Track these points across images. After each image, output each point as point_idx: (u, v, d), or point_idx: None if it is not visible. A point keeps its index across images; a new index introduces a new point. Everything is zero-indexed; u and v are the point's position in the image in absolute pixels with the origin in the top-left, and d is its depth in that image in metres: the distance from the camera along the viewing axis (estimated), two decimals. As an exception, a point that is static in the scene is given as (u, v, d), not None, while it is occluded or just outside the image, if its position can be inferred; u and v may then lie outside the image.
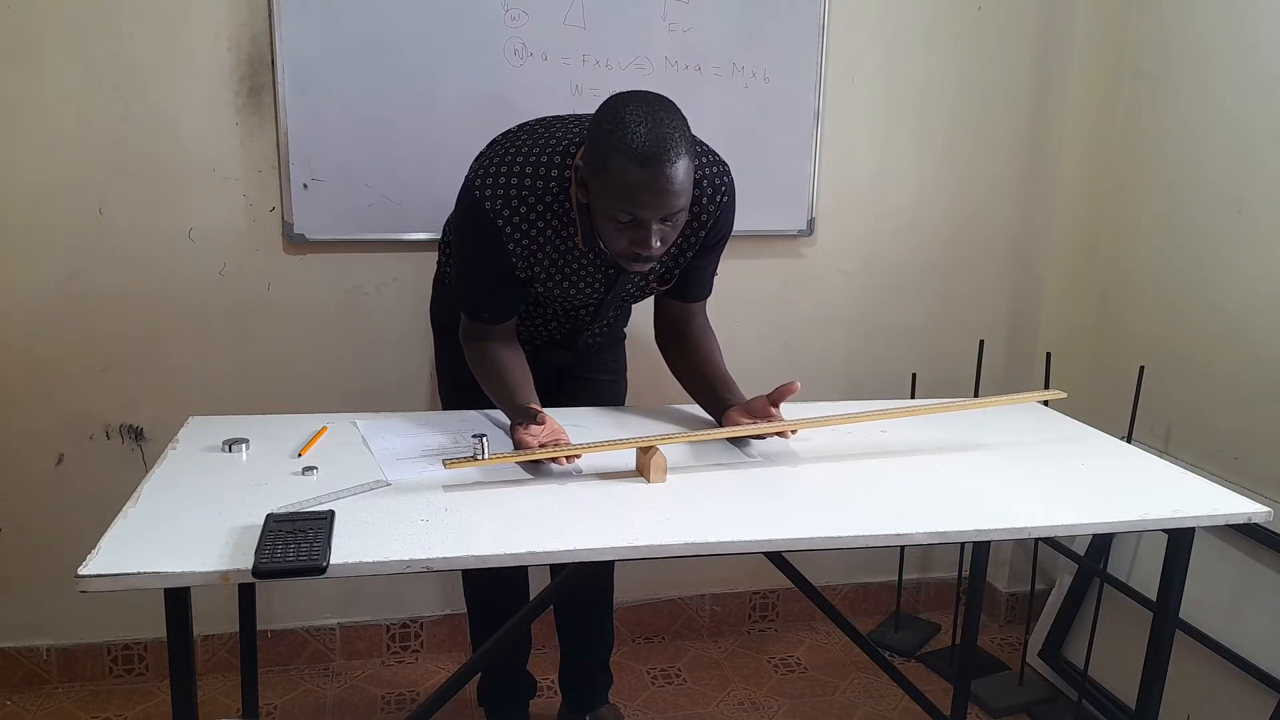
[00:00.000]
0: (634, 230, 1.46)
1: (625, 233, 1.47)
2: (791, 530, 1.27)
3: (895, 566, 2.67)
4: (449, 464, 1.35)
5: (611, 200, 1.44)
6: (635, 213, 1.43)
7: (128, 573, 1.08)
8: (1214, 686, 2.06)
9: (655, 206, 1.43)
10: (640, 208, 1.43)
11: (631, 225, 1.46)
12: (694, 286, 1.77)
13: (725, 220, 1.69)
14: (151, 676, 2.33)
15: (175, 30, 2.04)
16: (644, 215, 1.44)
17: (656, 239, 1.47)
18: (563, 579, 1.49)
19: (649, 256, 1.49)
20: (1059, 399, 1.75)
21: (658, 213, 1.44)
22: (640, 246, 1.47)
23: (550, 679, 2.28)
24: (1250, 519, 1.40)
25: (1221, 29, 2.17)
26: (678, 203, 1.44)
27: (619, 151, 1.39)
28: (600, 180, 1.44)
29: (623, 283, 1.69)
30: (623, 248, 1.49)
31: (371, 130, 2.12)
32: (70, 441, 2.18)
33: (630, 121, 1.40)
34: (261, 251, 2.18)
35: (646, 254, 1.48)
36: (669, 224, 1.48)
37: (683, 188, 1.43)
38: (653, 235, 1.46)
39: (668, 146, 1.39)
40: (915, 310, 2.60)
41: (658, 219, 1.45)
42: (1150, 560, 2.24)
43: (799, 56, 2.33)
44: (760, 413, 1.59)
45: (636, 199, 1.42)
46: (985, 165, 2.55)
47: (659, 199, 1.42)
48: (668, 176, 1.40)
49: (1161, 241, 2.35)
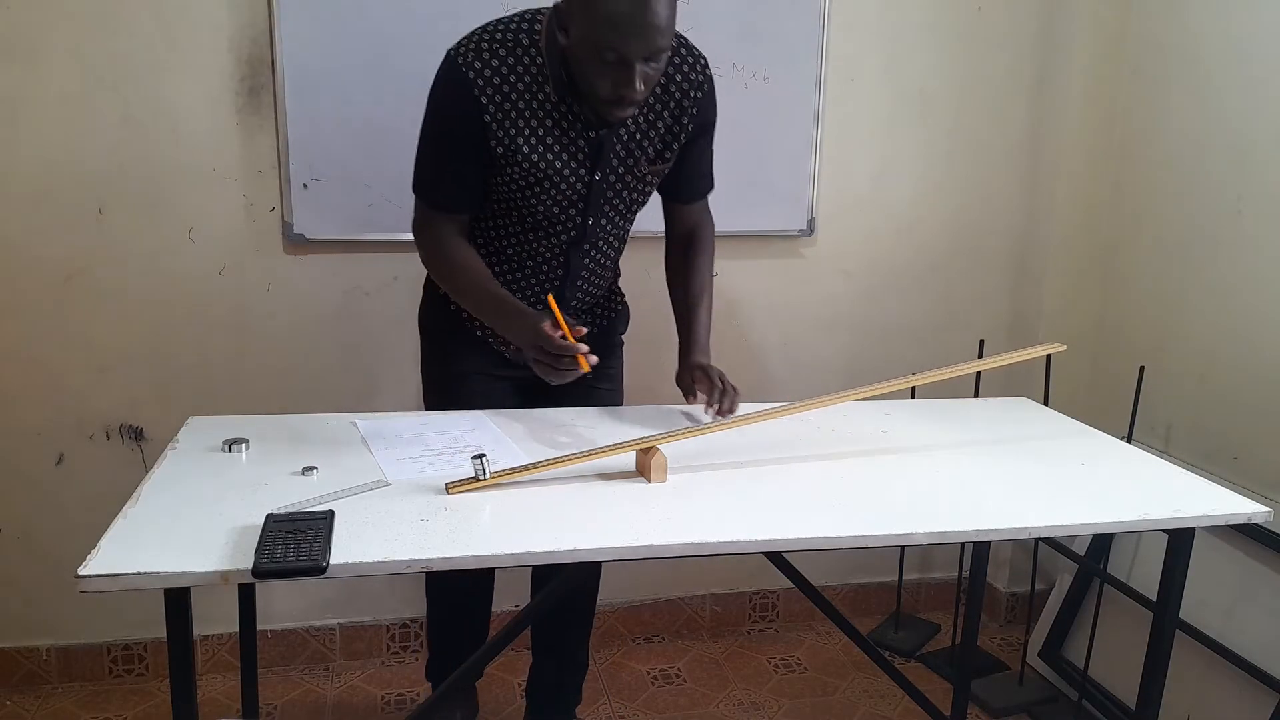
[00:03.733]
0: (617, 70, 1.45)
1: (608, 74, 1.46)
2: (791, 530, 1.27)
3: (895, 566, 2.67)
4: (451, 488, 1.34)
5: (596, 37, 1.44)
6: (619, 49, 1.43)
7: (128, 573, 1.08)
8: (1214, 686, 2.06)
9: (640, 41, 1.43)
10: (625, 44, 1.42)
11: (615, 64, 1.45)
12: (693, 181, 1.78)
13: (710, 99, 1.71)
14: (151, 676, 2.33)
15: (175, 30, 2.04)
16: (628, 51, 1.43)
17: (640, 80, 1.46)
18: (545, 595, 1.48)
19: (632, 100, 1.49)
20: (1059, 352, 1.78)
21: (642, 49, 1.44)
22: (624, 87, 1.47)
23: (518, 680, 2.22)
24: (1250, 519, 1.40)
25: (1221, 29, 2.17)
26: (661, 41, 1.45)
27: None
28: (584, 17, 1.44)
29: (608, 154, 1.65)
30: (606, 90, 1.48)
31: (371, 130, 2.12)
32: (70, 441, 2.18)
33: None
34: (261, 251, 2.18)
35: (630, 96, 1.48)
36: (651, 65, 1.47)
37: (666, 25, 1.44)
38: (636, 76, 1.45)
39: None
40: (915, 310, 2.60)
41: (641, 57, 1.45)
42: (1150, 560, 2.24)
43: (799, 56, 2.33)
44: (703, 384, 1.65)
45: (621, 34, 1.41)
46: (985, 165, 2.55)
47: (643, 33, 1.42)
48: (652, 10, 1.41)
49: (1161, 241, 2.35)
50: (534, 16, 1.59)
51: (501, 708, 2.23)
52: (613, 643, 2.57)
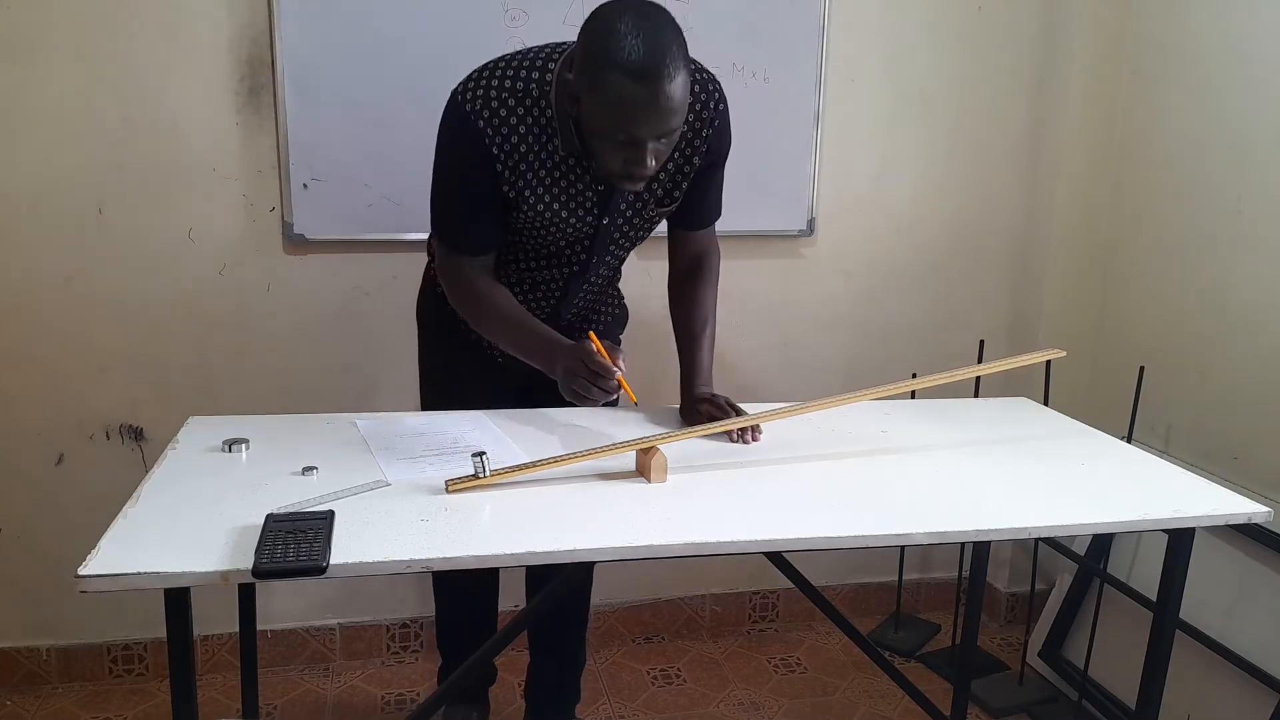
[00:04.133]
0: (629, 149, 1.41)
1: (620, 151, 1.42)
2: (791, 530, 1.27)
3: (895, 566, 2.67)
4: (451, 486, 1.34)
5: (606, 119, 1.39)
6: (631, 132, 1.38)
7: (128, 573, 1.08)
8: (1214, 686, 2.06)
9: (652, 125, 1.38)
10: (637, 127, 1.37)
11: (626, 144, 1.40)
12: (701, 211, 1.72)
13: (722, 134, 1.64)
14: (151, 676, 2.33)
15: (175, 30, 2.04)
16: (640, 134, 1.38)
17: (652, 158, 1.42)
18: (544, 595, 1.48)
19: (642, 176, 1.46)
20: (1059, 357, 1.76)
21: (655, 132, 1.39)
22: (635, 165, 1.43)
23: (518, 680, 2.23)
24: (1250, 519, 1.40)
25: (1221, 29, 2.17)
26: (675, 121, 1.40)
27: (614, 67, 1.33)
28: (594, 97, 1.38)
29: (616, 202, 1.62)
30: (617, 167, 1.44)
31: (371, 130, 2.12)
32: (70, 441, 2.18)
33: (624, 34, 1.33)
34: (261, 251, 2.18)
35: (641, 173, 1.44)
36: (664, 141, 1.43)
37: (680, 105, 1.38)
38: (648, 154, 1.41)
39: (665, 61, 1.33)
40: (915, 310, 2.60)
41: (654, 137, 1.40)
42: (1150, 560, 2.23)
43: (799, 56, 2.33)
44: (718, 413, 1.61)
45: (633, 118, 1.36)
46: (985, 165, 2.55)
47: (656, 118, 1.37)
48: (666, 94, 1.34)
49: (1161, 242, 2.35)
50: (544, 63, 1.52)
51: (501, 708, 2.23)
52: (613, 643, 2.57)
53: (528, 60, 1.53)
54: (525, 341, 1.59)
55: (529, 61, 1.53)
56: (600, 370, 1.45)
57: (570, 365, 1.48)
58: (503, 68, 1.53)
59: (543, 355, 1.56)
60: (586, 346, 1.47)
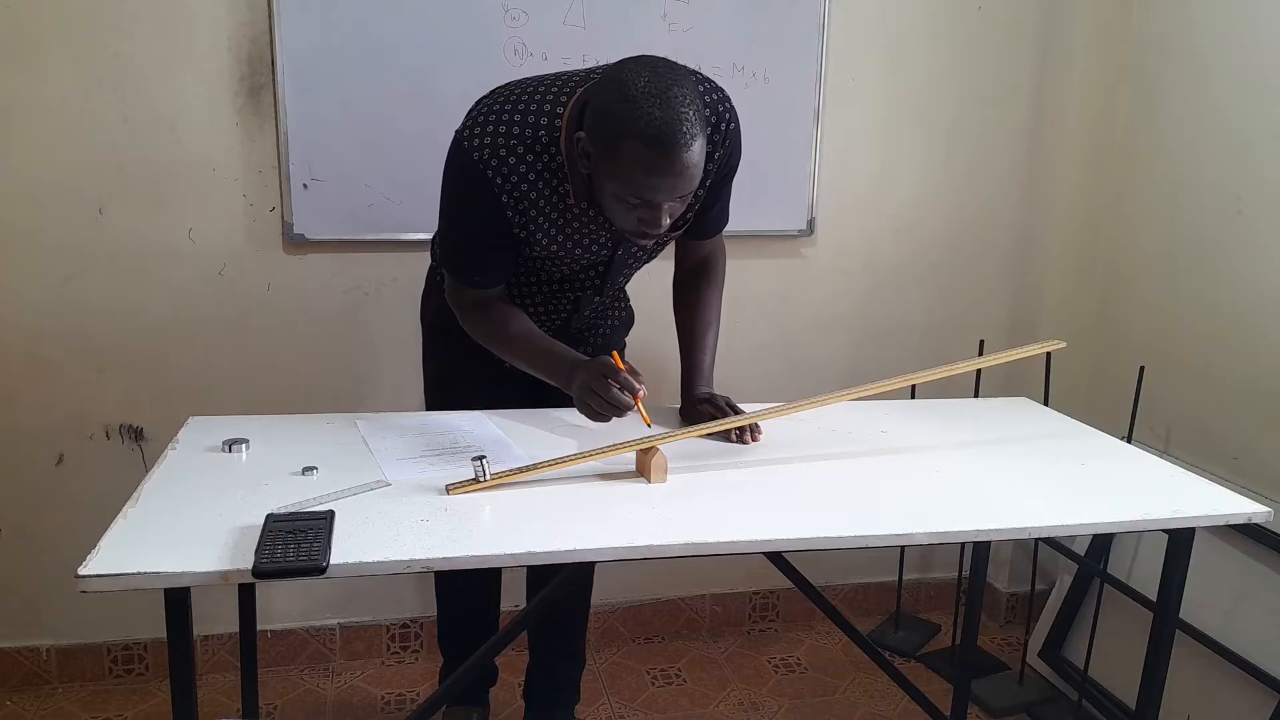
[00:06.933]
0: (644, 210, 1.41)
1: (634, 212, 1.42)
2: (791, 530, 1.27)
3: (895, 566, 2.67)
4: (451, 489, 1.34)
5: (622, 183, 1.38)
6: (646, 197, 1.38)
7: (128, 573, 1.08)
8: (1214, 686, 2.06)
9: (668, 191, 1.38)
10: (652, 193, 1.37)
11: (641, 205, 1.40)
12: (709, 221, 1.71)
13: (732, 153, 1.62)
14: (151, 676, 2.33)
15: (175, 30, 2.04)
16: (656, 199, 1.39)
17: (666, 217, 1.42)
18: (544, 596, 1.48)
19: (656, 234, 1.45)
20: (1059, 350, 1.76)
21: (671, 196, 1.39)
22: (649, 225, 1.43)
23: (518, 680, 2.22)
24: (1250, 519, 1.40)
25: (1221, 29, 2.17)
26: (692, 184, 1.39)
27: (631, 135, 1.32)
28: (610, 162, 1.37)
29: (629, 243, 1.62)
30: (630, 225, 1.45)
31: (371, 130, 2.12)
32: (70, 441, 2.18)
33: (642, 100, 1.31)
34: (261, 251, 2.18)
35: (655, 233, 1.44)
36: (680, 198, 1.42)
37: (697, 169, 1.38)
38: (663, 214, 1.41)
39: (682, 128, 1.32)
40: (915, 310, 2.60)
41: (669, 200, 1.40)
42: (1150, 560, 2.23)
43: (799, 56, 2.33)
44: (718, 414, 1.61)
45: (649, 185, 1.36)
46: (985, 165, 2.55)
47: (673, 184, 1.36)
48: (683, 162, 1.34)
49: (1161, 241, 2.35)
50: (551, 106, 1.48)
51: (501, 708, 2.23)
52: (613, 643, 2.57)
53: (535, 100, 1.49)
54: (540, 359, 1.60)
55: (535, 103, 1.49)
56: (624, 385, 1.45)
57: (589, 379, 1.48)
58: (509, 110, 1.49)
59: (559, 371, 1.56)
60: (609, 362, 1.48)
